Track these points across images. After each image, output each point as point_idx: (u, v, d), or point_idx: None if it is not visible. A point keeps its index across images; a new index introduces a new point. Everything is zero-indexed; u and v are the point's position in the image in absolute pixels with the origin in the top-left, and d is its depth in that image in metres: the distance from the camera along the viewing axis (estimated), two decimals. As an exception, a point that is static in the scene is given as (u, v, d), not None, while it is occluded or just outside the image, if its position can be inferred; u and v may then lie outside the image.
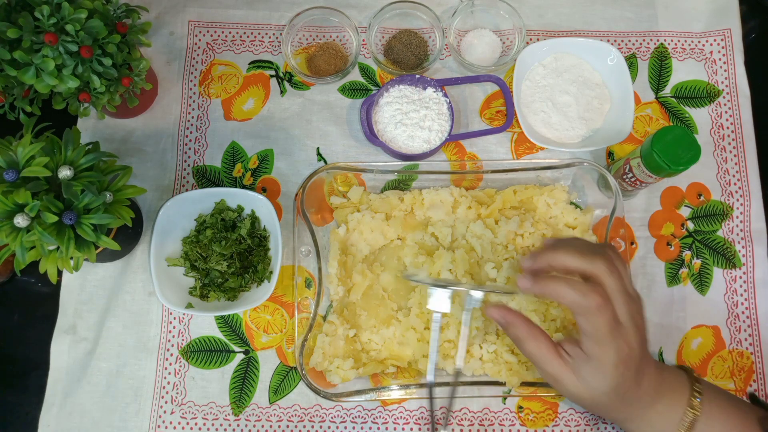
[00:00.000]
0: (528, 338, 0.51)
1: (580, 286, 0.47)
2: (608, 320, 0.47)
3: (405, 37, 0.72)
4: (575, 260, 0.49)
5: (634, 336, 0.48)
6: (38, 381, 0.64)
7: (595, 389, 0.49)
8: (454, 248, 0.64)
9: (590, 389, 0.49)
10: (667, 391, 0.51)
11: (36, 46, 0.51)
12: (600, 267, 0.48)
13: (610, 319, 0.47)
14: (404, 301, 0.63)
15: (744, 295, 0.68)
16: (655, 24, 0.75)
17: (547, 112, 0.70)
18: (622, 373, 0.48)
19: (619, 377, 0.48)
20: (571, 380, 0.50)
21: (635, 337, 0.48)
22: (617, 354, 0.48)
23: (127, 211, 0.54)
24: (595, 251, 0.49)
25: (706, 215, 0.70)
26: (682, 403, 0.51)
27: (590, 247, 0.50)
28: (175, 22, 0.74)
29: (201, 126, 0.71)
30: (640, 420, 0.51)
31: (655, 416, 0.51)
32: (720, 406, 0.51)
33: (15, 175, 0.48)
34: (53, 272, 0.51)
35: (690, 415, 0.50)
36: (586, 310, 0.47)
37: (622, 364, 0.48)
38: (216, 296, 0.63)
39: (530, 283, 0.49)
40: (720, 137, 0.72)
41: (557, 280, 0.48)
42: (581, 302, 0.47)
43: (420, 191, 0.67)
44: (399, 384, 0.61)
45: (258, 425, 0.63)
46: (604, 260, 0.48)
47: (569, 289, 0.47)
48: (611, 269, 0.48)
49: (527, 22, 0.73)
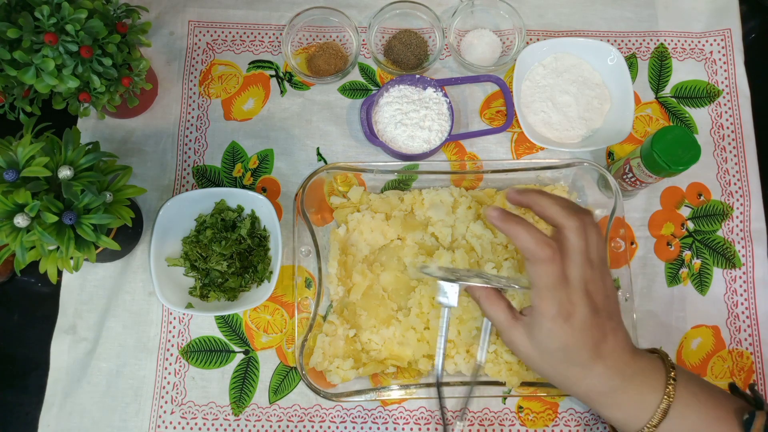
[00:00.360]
0: (485, 298, 0.53)
1: (537, 234, 0.48)
2: (554, 273, 0.48)
3: (405, 37, 0.72)
4: (553, 209, 0.50)
5: (581, 298, 0.48)
6: (38, 381, 0.64)
7: (542, 345, 0.50)
8: (454, 248, 0.64)
9: (538, 346, 0.50)
10: (639, 375, 0.50)
11: (36, 46, 0.51)
12: (571, 223, 0.49)
13: (557, 273, 0.48)
14: (404, 301, 0.63)
15: (744, 295, 0.68)
16: (655, 24, 0.75)
17: (547, 112, 0.70)
18: (565, 331, 0.48)
19: (564, 335, 0.48)
20: (522, 338, 0.51)
21: (581, 301, 0.48)
22: (558, 308, 0.48)
23: (127, 211, 0.54)
24: (577, 209, 0.50)
25: (706, 215, 0.70)
26: (656, 389, 0.50)
27: (573, 206, 0.51)
28: (175, 22, 0.74)
29: (201, 126, 0.71)
30: (610, 403, 0.51)
31: (626, 400, 0.50)
32: (694, 393, 0.50)
33: (15, 175, 0.48)
34: (53, 272, 0.51)
35: (665, 402, 0.49)
36: (536, 257, 0.48)
37: (561, 319, 0.48)
38: (216, 296, 0.63)
39: (499, 217, 0.50)
40: (720, 137, 0.72)
41: (521, 222, 0.49)
42: (533, 249, 0.48)
43: (420, 191, 0.67)
44: (399, 384, 0.61)
45: (258, 425, 0.63)
46: (577, 219, 0.49)
47: (527, 234, 0.48)
48: (580, 229, 0.49)
49: (527, 22, 0.73)
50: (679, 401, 0.49)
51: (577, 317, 0.48)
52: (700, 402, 0.50)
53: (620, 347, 0.51)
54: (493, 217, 0.50)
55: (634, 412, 0.50)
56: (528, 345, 0.51)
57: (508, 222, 0.49)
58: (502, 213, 0.50)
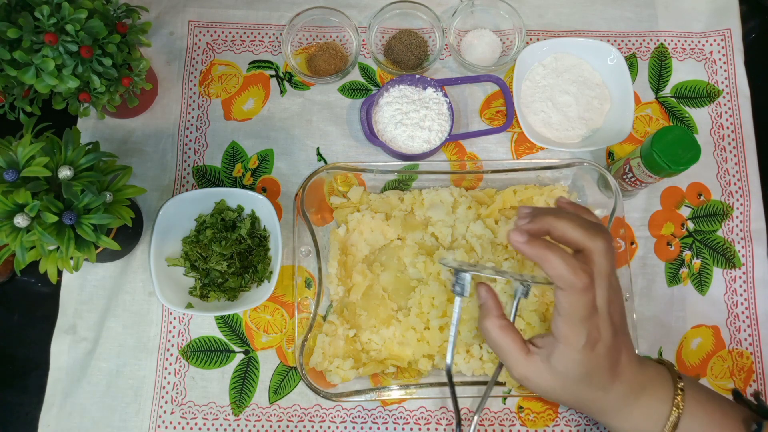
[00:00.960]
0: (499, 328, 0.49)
1: (572, 261, 0.45)
2: (588, 303, 0.45)
3: (405, 37, 0.72)
4: (576, 232, 0.46)
5: (605, 325, 0.47)
6: (38, 381, 0.64)
7: (565, 376, 0.47)
8: (454, 248, 0.64)
9: (560, 377, 0.48)
10: (648, 387, 0.50)
11: (36, 46, 0.51)
12: (599, 246, 0.46)
13: (590, 302, 0.45)
14: (404, 301, 0.63)
15: (744, 295, 0.68)
16: (655, 24, 0.75)
17: (547, 112, 0.70)
18: (590, 359, 0.46)
19: (589, 363, 0.47)
20: (540, 371, 0.48)
21: (607, 327, 0.47)
22: (587, 337, 0.46)
23: (127, 211, 0.54)
24: (598, 229, 0.47)
25: (706, 215, 0.70)
26: (665, 401, 0.49)
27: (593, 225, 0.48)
28: (175, 22, 0.74)
29: (201, 126, 0.71)
30: (621, 415, 0.50)
31: (636, 413, 0.49)
32: (702, 403, 0.50)
33: (15, 175, 0.48)
34: (53, 272, 0.51)
35: (675, 413, 0.48)
36: (571, 287, 0.45)
37: (589, 348, 0.46)
38: (216, 296, 0.63)
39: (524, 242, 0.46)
40: (720, 137, 0.72)
41: (552, 249, 0.45)
42: (569, 278, 0.44)
43: (420, 191, 0.67)
44: (399, 384, 0.61)
45: (258, 425, 0.63)
46: (604, 240, 0.46)
47: (561, 262, 0.44)
48: (608, 251, 0.46)
49: (527, 22, 0.73)
50: (688, 412, 0.49)
51: (601, 344, 0.47)
52: (707, 413, 0.49)
53: (631, 360, 0.50)
54: (518, 243, 0.46)
55: (643, 425, 0.49)
56: (548, 377, 0.48)
57: (537, 248, 0.46)
58: (527, 237, 0.46)
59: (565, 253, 0.45)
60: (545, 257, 0.45)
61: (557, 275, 0.45)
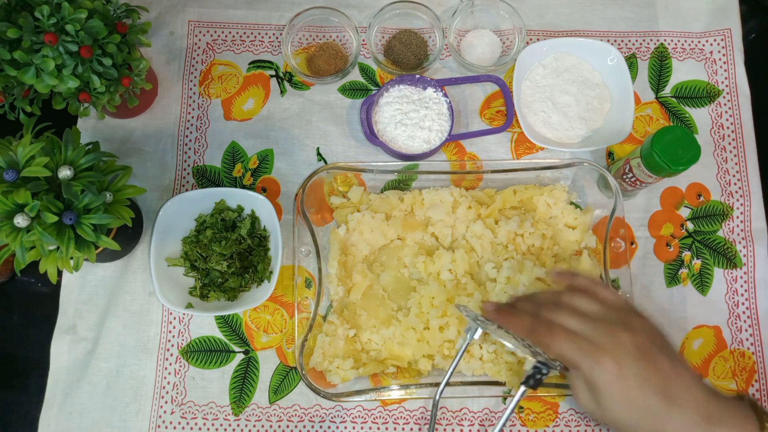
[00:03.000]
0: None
1: (582, 342, 0.46)
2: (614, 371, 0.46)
3: (405, 37, 0.72)
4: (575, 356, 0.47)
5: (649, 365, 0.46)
6: (38, 381, 0.64)
7: (616, 419, 0.47)
8: (454, 248, 0.64)
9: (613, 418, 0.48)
10: (727, 421, 0.47)
11: (36, 46, 0.51)
12: (606, 365, 0.46)
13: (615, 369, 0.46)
14: (404, 301, 0.63)
15: (745, 295, 0.68)
16: (655, 24, 0.75)
17: (547, 112, 0.70)
18: (636, 405, 0.46)
19: (634, 410, 0.46)
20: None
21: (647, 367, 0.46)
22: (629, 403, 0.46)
23: (127, 211, 0.54)
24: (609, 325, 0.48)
25: (706, 215, 0.70)
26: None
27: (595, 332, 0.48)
28: (175, 22, 0.74)
29: (201, 126, 0.71)
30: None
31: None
32: None
33: (15, 175, 0.48)
34: (53, 272, 0.51)
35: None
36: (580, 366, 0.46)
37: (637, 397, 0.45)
38: (216, 296, 0.63)
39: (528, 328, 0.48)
40: (720, 137, 0.72)
41: (557, 332, 0.47)
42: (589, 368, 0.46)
43: (420, 191, 0.67)
44: (399, 384, 0.61)
45: (258, 425, 0.63)
46: (611, 359, 0.46)
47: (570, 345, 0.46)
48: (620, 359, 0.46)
49: (527, 22, 0.73)
50: None
51: (651, 385, 0.46)
52: None
53: (696, 388, 0.47)
54: (524, 328, 0.49)
55: None
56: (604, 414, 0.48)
57: (540, 335, 0.47)
58: (532, 322, 0.48)
59: (574, 334, 0.47)
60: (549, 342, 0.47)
61: (571, 363, 0.47)
